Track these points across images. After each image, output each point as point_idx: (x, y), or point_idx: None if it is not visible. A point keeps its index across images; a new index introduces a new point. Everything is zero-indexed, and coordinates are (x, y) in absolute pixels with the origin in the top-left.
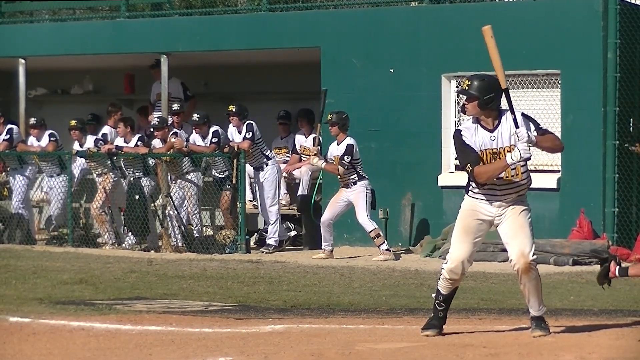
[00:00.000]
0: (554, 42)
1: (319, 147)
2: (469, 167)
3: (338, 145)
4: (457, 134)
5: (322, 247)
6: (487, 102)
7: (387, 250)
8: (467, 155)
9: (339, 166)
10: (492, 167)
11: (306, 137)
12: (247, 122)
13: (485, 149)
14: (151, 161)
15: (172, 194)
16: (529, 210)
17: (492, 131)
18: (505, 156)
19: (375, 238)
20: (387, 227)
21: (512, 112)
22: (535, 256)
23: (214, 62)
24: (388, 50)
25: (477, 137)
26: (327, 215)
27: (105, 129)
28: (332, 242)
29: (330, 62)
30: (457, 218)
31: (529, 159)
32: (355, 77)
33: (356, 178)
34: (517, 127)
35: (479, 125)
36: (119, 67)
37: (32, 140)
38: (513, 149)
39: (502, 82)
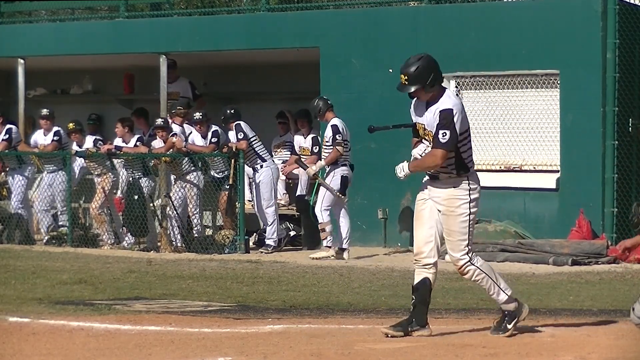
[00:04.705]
0: (553, 42)
1: (316, 155)
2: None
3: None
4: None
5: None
6: (432, 84)
7: (328, 247)
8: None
9: (336, 147)
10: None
11: (305, 138)
12: (236, 123)
13: (417, 122)
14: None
15: (172, 195)
16: (467, 200)
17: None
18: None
19: (322, 231)
20: (386, 227)
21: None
22: (464, 259)
23: (213, 62)
24: (387, 50)
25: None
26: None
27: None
28: (332, 237)
29: (330, 62)
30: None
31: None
32: (355, 77)
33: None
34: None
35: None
36: (118, 67)
37: (36, 137)
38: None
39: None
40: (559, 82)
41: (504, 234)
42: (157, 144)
